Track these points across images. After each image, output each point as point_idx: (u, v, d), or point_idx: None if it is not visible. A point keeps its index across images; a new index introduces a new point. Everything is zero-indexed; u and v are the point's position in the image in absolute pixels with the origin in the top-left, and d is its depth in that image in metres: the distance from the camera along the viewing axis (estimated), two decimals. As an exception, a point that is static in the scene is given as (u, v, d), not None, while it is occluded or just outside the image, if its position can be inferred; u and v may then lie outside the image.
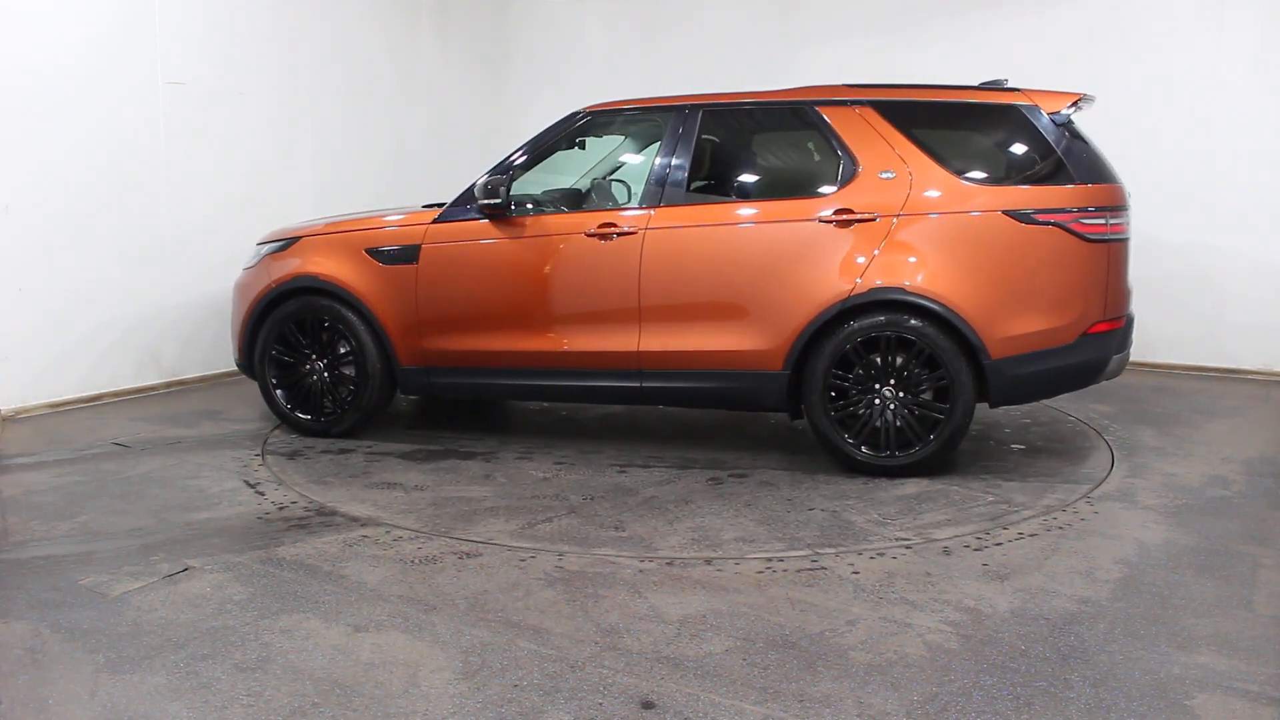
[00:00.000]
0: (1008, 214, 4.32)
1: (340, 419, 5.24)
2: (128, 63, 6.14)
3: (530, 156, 5.05)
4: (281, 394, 5.31)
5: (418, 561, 3.53)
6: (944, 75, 5.82)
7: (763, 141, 5.13)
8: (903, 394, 4.42)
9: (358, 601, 3.18)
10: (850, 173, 4.52)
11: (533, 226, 4.90)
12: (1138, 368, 6.83)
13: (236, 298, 5.50)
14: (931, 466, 4.46)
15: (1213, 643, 2.88)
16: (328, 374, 5.25)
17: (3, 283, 5.62)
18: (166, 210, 6.44)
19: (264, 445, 5.15)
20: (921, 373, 4.40)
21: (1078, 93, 4.50)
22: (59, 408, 5.90)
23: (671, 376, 4.73)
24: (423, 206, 5.46)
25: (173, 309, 6.56)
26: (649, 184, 4.81)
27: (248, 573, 3.42)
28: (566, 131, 5.07)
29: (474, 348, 4.98)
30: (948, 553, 3.59)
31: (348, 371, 5.21)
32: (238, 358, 5.50)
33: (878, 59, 7.70)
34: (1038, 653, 2.82)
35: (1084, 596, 3.21)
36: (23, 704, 2.57)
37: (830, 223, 4.49)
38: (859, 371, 4.45)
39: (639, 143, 5.62)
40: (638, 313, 4.70)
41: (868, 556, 3.56)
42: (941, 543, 3.69)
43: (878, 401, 4.44)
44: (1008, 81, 4.68)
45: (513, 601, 3.18)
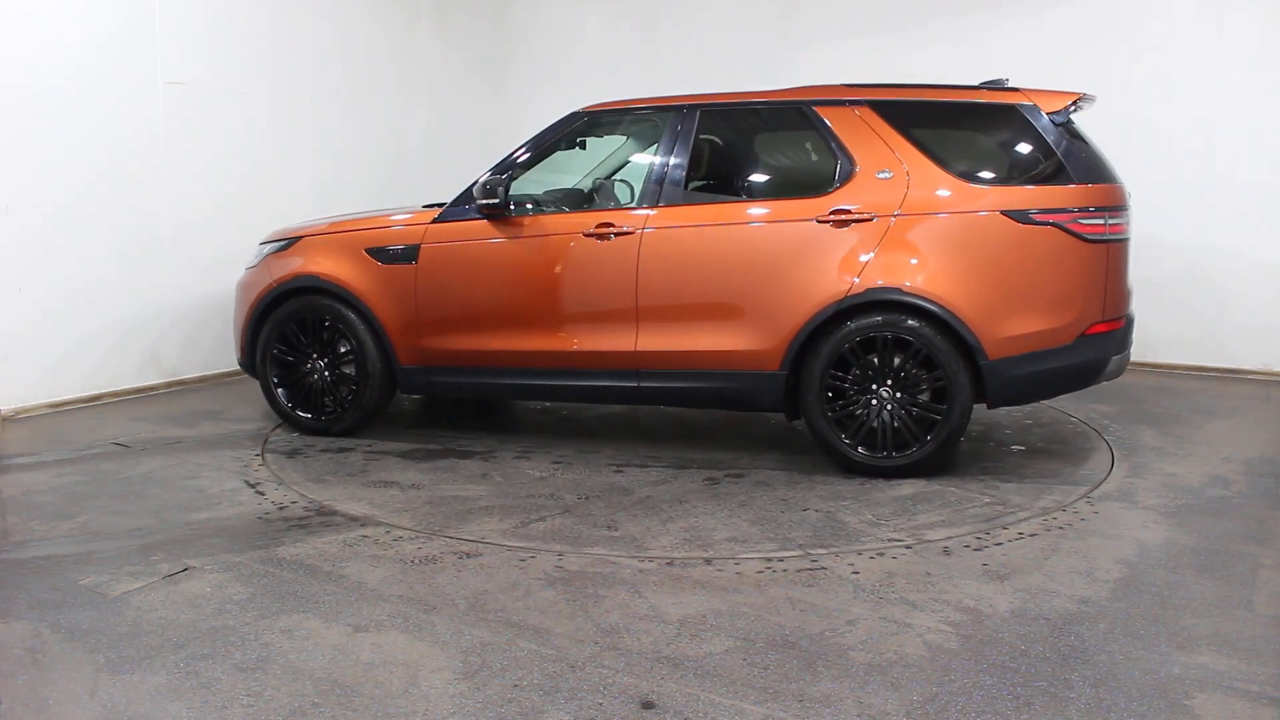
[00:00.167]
0: (1006, 214, 4.31)
1: (340, 418, 5.26)
2: (128, 63, 6.14)
3: (529, 157, 5.06)
4: (283, 393, 5.33)
5: (418, 561, 3.53)
6: (944, 75, 5.82)
7: (760, 141, 5.13)
8: (900, 394, 4.42)
9: (358, 601, 3.19)
10: (848, 173, 4.52)
11: (531, 226, 4.91)
12: (1138, 368, 6.82)
13: (239, 297, 5.52)
14: (929, 467, 4.46)
15: (1213, 643, 2.88)
16: (328, 373, 5.27)
17: (3, 283, 5.62)
18: (166, 210, 6.44)
19: (264, 444, 5.16)
20: (919, 373, 4.40)
21: (1077, 92, 4.48)
22: (59, 408, 5.90)
23: (669, 376, 4.73)
24: (423, 206, 5.47)
25: (173, 309, 6.56)
26: (647, 184, 4.82)
27: (248, 573, 3.42)
28: (565, 132, 5.07)
29: (472, 347, 4.99)
30: (948, 553, 3.59)
31: (348, 370, 5.23)
32: (240, 356, 5.53)
33: (878, 59, 7.69)
34: (1038, 653, 2.82)
35: (1084, 596, 3.21)
36: (23, 704, 2.57)
37: (827, 223, 4.48)
38: (856, 372, 4.45)
39: (638, 143, 5.62)
40: (635, 313, 4.71)
41: (868, 556, 3.56)
42: (934, 543, 3.68)
43: (875, 402, 4.44)
44: (1008, 81, 4.66)
45: (513, 601, 3.18)
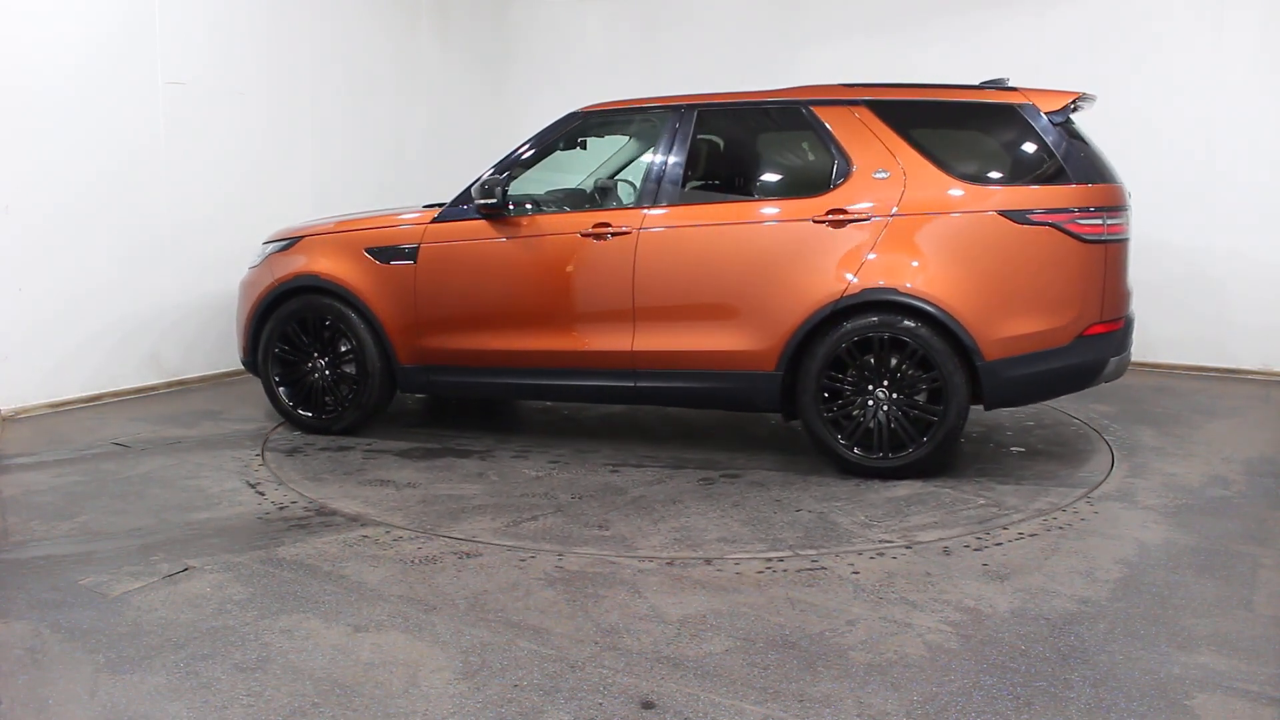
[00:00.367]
0: (1003, 214, 4.29)
1: (341, 416, 5.27)
2: (128, 63, 6.14)
3: (527, 157, 5.07)
4: (284, 391, 5.36)
5: (418, 561, 3.53)
6: (945, 75, 5.82)
7: (758, 141, 5.13)
8: (896, 395, 4.41)
9: (358, 601, 3.19)
10: (844, 172, 4.51)
11: (529, 226, 4.91)
12: (1138, 368, 6.82)
13: (241, 295, 5.55)
14: (925, 468, 4.45)
15: (1213, 643, 2.88)
16: (329, 372, 5.28)
17: (3, 283, 5.62)
18: (166, 210, 6.44)
19: (265, 443, 5.16)
20: (915, 374, 4.38)
21: (1076, 92, 4.46)
22: (59, 408, 5.90)
23: (665, 376, 4.73)
24: (423, 206, 5.47)
25: (173, 309, 6.56)
26: (644, 184, 4.82)
27: (248, 573, 3.42)
28: (563, 132, 5.08)
29: (471, 347, 4.99)
30: (948, 553, 3.59)
31: (349, 370, 5.25)
32: (243, 355, 5.56)
33: (878, 59, 7.69)
34: (1038, 653, 2.82)
35: (1084, 596, 3.21)
36: (23, 704, 2.57)
37: (824, 223, 4.47)
38: (853, 373, 4.44)
39: (636, 143, 5.62)
40: (632, 313, 4.71)
41: (868, 557, 3.56)
42: (926, 544, 3.68)
43: (871, 403, 4.43)
44: (1009, 80, 4.66)
45: (513, 601, 3.18)
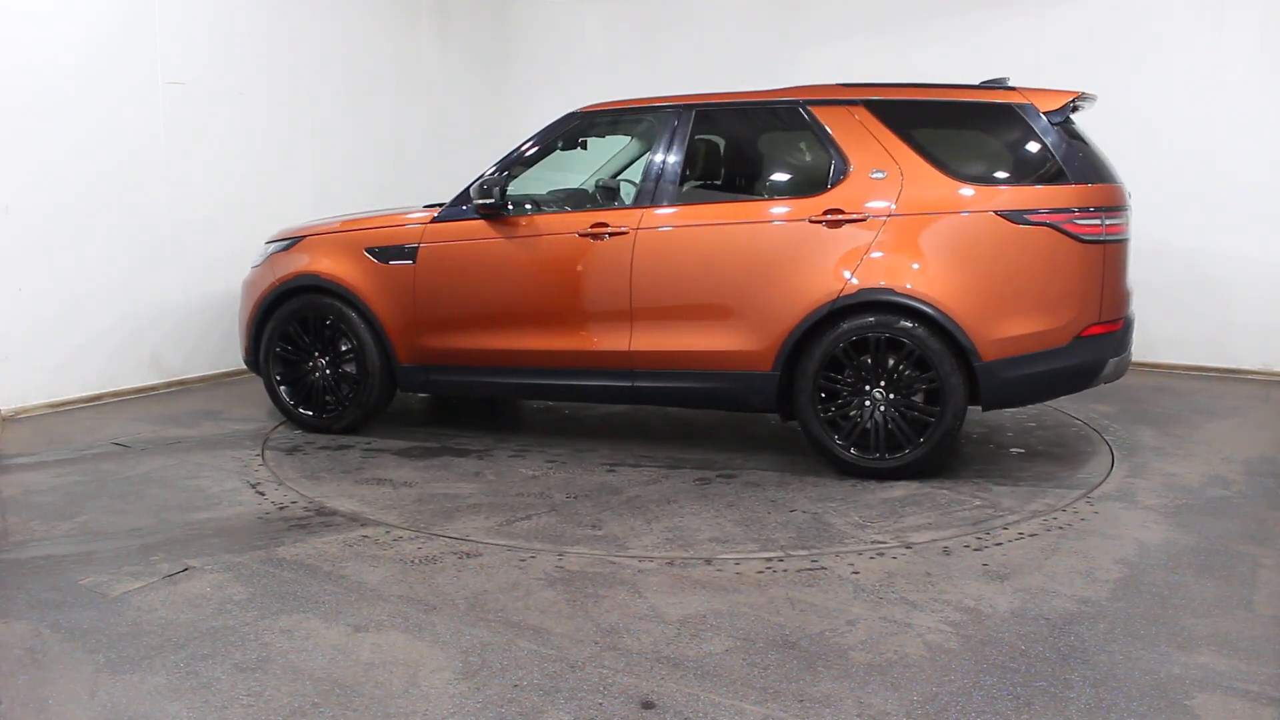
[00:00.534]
0: (1000, 214, 4.28)
1: (341, 415, 5.28)
2: (128, 63, 6.14)
3: (526, 157, 5.08)
4: (285, 390, 5.37)
5: (418, 561, 3.53)
6: (945, 75, 5.81)
7: (755, 141, 5.13)
8: (893, 396, 4.40)
9: (358, 601, 3.19)
10: (841, 172, 4.50)
11: (527, 226, 4.92)
12: (1138, 368, 6.82)
13: (244, 295, 5.57)
14: (923, 469, 4.44)
15: (1213, 643, 2.88)
16: (330, 371, 5.29)
17: (3, 283, 5.61)
18: (166, 210, 6.44)
19: (265, 441, 5.16)
20: (912, 374, 4.38)
21: (1075, 91, 4.44)
22: (59, 408, 5.90)
23: (663, 376, 4.73)
24: (424, 207, 5.48)
25: (173, 309, 6.56)
26: (642, 184, 4.83)
27: (248, 573, 3.42)
28: (561, 132, 5.09)
29: (469, 346, 5.00)
30: (948, 553, 3.59)
31: (349, 369, 5.26)
32: (245, 354, 5.58)
33: (878, 59, 7.69)
34: (1038, 653, 2.82)
35: (1084, 596, 3.21)
36: (23, 704, 2.57)
37: (820, 223, 4.47)
38: (850, 373, 4.43)
39: (639, 143, 5.62)
40: (629, 312, 4.71)
41: (868, 557, 3.56)
42: (918, 546, 3.68)
43: (868, 403, 4.43)
44: (1010, 80, 4.64)
45: (513, 601, 3.18)
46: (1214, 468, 4.71)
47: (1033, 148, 4.39)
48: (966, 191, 4.36)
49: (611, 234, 4.72)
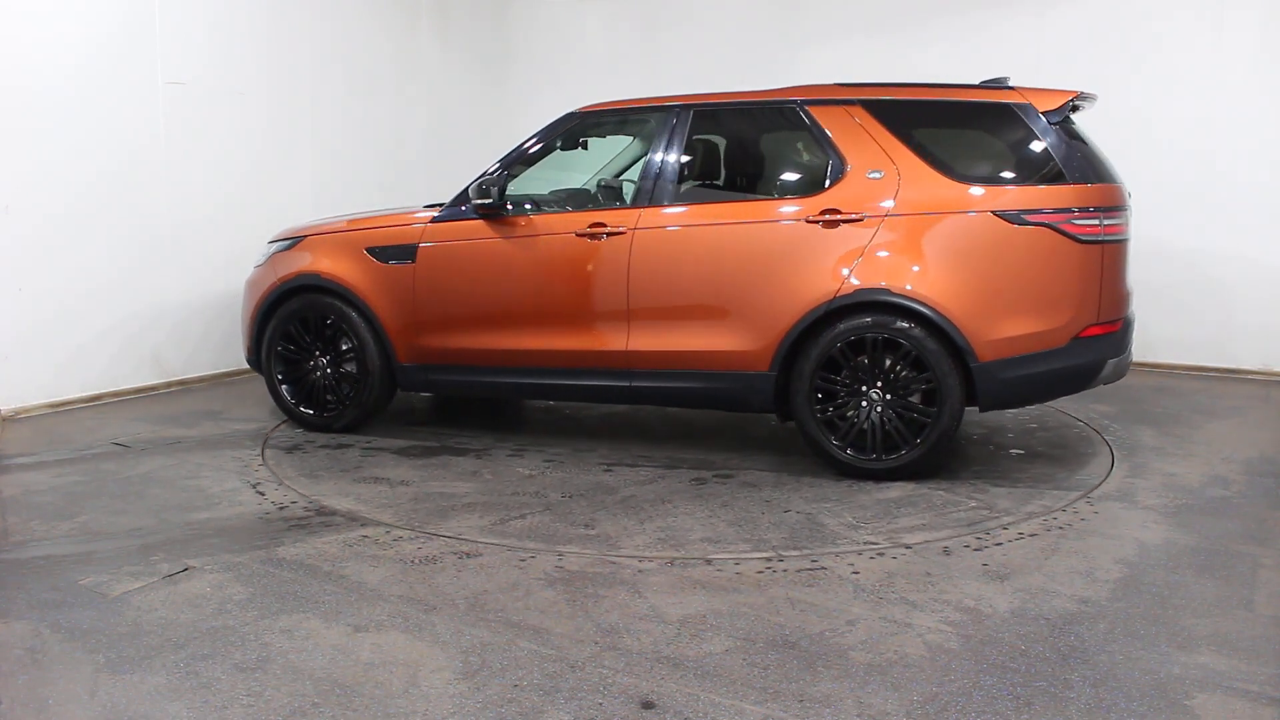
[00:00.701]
0: (997, 214, 4.27)
1: (342, 414, 5.30)
2: (128, 63, 6.14)
3: (525, 157, 5.08)
4: (287, 389, 5.39)
5: (418, 561, 3.53)
6: (945, 75, 5.81)
7: (752, 141, 5.13)
8: (890, 396, 4.39)
9: (358, 601, 3.19)
10: (839, 172, 4.50)
11: (525, 226, 4.92)
12: (1138, 368, 6.82)
13: (246, 294, 5.60)
14: (919, 470, 4.43)
15: (1213, 643, 2.88)
16: (330, 370, 5.30)
17: (3, 283, 5.61)
18: (166, 210, 6.44)
19: (265, 441, 5.17)
20: (909, 375, 4.37)
21: (1073, 90, 4.42)
22: (59, 408, 5.90)
23: (660, 376, 4.73)
24: (424, 207, 5.48)
25: (174, 309, 6.56)
26: (639, 184, 4.83)
27: (248, 573, 3.42)
28: (559, 132, 5.09)
29: (468, 345, 5.00)
30: (948, 553, 3.59)
31: (350, 368, 5.28)
32: (247, 353, 5.61)
33: (878, 59, 7.69)
34: (1038, 653, 2.82)
35: (1084, 596, 3.21)
36: (23, 704, 2.57)
37: (817, 223, 4.46)
38: (846, 373, 4.43)
39: (640, 143, 5.62)
40: (626, 312, 4.71)
41: (867, 557, 3.56)
42: (911, 548, 3.67)
43: (865, 404, 4.42)
44: (1010, 80, 4.63)
45: (513, 601, 3.18)
46: (1214, 468, 4.71)
47: (1031, 148, 4.38)
48: (964, 191, 4.35)
49: (609, 234, 4.72)
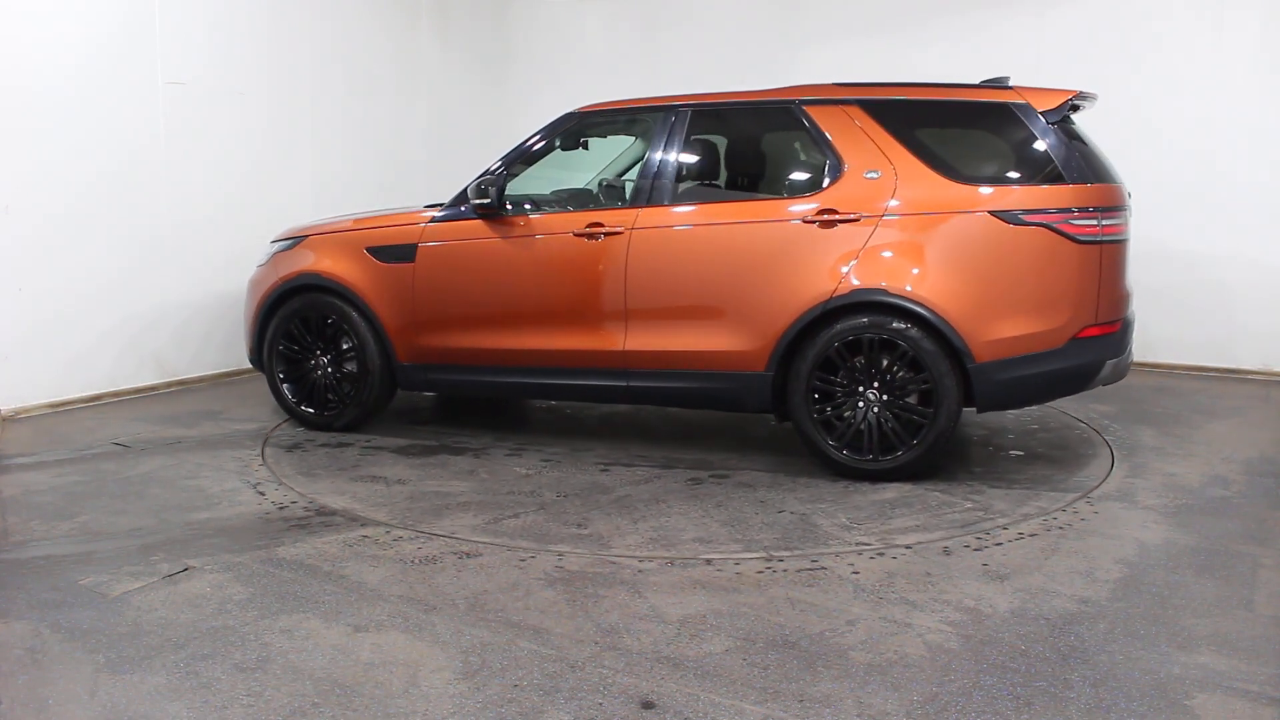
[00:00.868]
0: (995, 214, 4.25)
1: (342, 413, 5.31)
2: (128, 63, 6.14)
3: (524, 157, 5.09)
4: (288, 388, 5.41)
5: (418, 561, 3.53)
6: (945, 75, 5.80)
7: (750, 141, 5.13)
8: (886, 397, 4.39)
9: (358, 601, 3.19)
10: (836, 172, 4.49)
11: (524, 226, 4.93)
12: (1138, 368, 6.82)
13: (249, 294, 5.62)
14: (916, 471, 4.42)
15: (1213, 643, 2.88)
16: (331, 369, 5.32)
17: (3, 283, 5.61)
18: (166, 210, 6.44)
19: (265, 441, 5.17)
20: (906, 375, 4.36)
21: (1072, 90, 4.40)
22: (59, 408, 5.90)
23: (657, 376, 4.73)
24: (424, 207, 5.48)
25: (174, 309, 6.56)
26: (637, 184, 4.83)
27: (248, 573, 3.42)
28: (558, 132, 5.09)
29: (467, 345, 5.01)
30: (948, 553, 3.59)
31: (350, 367, 5.29)
32: (250, 352, 5.63)
33: (878, 59, 7.69)
34: (1038, 653, 2.82)
35: (1084, 596, 3.21)
36: (23, 704, 2.57)
37: (814, 223, 4.46)
38: (843, 374, 4.42)
39: (641, 143, 5.61)
40: (624, 312, 4.71)
41: (867, 557, 3.56)
42: (904, 548, 3.67)
43: (861, 404, 4.42)
44: (1010, 80, 4.62)
45: (513, 601, 3.18)
46: (1214, 468, 4.71)
47: (1029, 147, 4.36)
48: (962, 191, 4.33)
49: (607, 234, 4.72)
